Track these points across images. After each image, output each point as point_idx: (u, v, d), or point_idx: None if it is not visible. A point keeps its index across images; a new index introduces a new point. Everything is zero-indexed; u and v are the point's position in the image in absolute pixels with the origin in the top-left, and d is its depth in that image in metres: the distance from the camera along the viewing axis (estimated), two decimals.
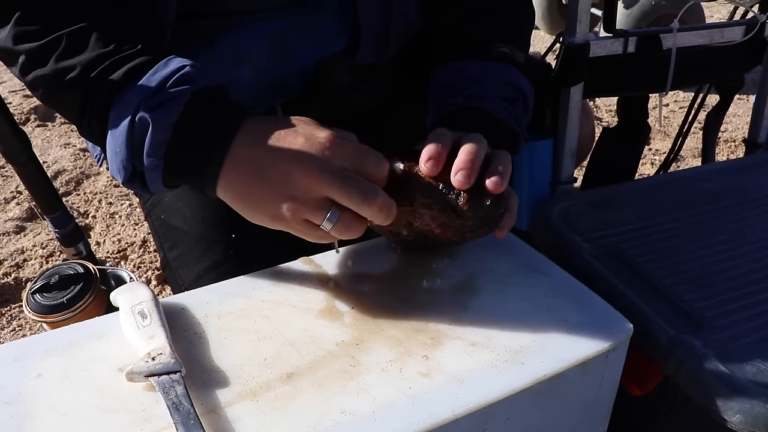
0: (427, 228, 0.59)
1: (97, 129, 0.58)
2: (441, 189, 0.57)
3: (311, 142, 0.53)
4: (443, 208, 0.57)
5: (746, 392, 0.58)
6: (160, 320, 0.55)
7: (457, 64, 0.76)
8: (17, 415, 0.48)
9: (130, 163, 0.57)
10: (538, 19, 3.64)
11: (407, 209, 0.58)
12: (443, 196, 0.57)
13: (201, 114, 0.56)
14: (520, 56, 0.76)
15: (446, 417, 0.48)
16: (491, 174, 0.56)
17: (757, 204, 0.89)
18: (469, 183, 0.55)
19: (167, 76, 0.56)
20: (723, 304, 0.69)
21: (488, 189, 0.56)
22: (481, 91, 0.71)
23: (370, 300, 0.61)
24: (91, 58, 0.57)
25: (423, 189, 0.57)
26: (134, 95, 0.55)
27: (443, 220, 0.58)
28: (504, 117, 0.71)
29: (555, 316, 0.59)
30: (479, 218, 0.58)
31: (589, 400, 0.59)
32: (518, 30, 0.80)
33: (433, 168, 0.56)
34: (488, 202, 0.57)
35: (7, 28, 0.58)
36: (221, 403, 0.49)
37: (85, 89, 0.57)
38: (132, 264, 1.79)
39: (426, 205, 0.57)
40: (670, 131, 2.49)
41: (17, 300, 1.67)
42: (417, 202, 0.57)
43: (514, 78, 0.74)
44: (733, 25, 1.01)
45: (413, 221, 0.59)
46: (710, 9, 3.83)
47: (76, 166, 2.28)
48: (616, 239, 0.81)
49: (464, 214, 0.57)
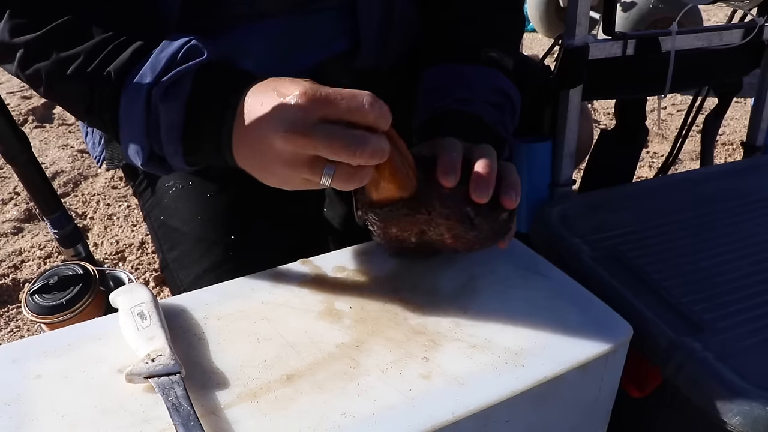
0: (440, 238, 0.59)
1: (108, 116, 0.57)
2: (459, 201, 0.57)
3: (283, 105, 0.50)
4: (460, 219, 0.57)
5: (746, 394, 0.58)
6: (159, 321, 0.55)
7: (446, 66, 0.76)
8: (16, 416, 0.48)
9: (148, 146, 0.57)
10: (535, 21, 3.65)
11: (424, 218, 0.57)
12: (461, 207, 0.57)
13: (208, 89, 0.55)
14: (509, 62, 0.76)
15: (446, 419, 0.48)
16: (507, 189, 0.57)
17: (756, 206, 0.89)
18: (488, 198, 0.56)
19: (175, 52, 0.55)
20: (722, 306, 0.70)
21: (504, 205, 0.57)
22: (470, 95, 0.71)
23: (370, 302, 0.61)
24: (95, 44, 0.56)
25: (442, 199, 0.57)
26: (145, 76, 0.55)
27: (458, 232, 0.58)
28: (492, 122, 0.71)
29: (555, 319, 0.59)
30: (493, 231, 0.59)
31: (588, 402, 0.59)
32: (507, 36, 0.80)
33: (452, 179, 0.56)
34: (504, 216, 0.58)
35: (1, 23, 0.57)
36: (221, 405, 0.49)
37: (91, 77, 0.56)
38: (130, 265, 1.79)
39: (444, 215, 0.57)
40: (669, 134, 2.50)
41: (15, 301, 1.66)
42: (435, 211, 0.57)
43: (503, 84, 0.74)
44: (731, 28, 1.01)
45: (427, 230, 0.59)
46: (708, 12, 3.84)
47: (74, 167, 2.28)
48: (615, 241, 0.81)
49: (480, 228, 0.58)
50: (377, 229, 0.60)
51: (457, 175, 0.56)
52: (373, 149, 0.49)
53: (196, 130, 0.56)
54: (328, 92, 0.49)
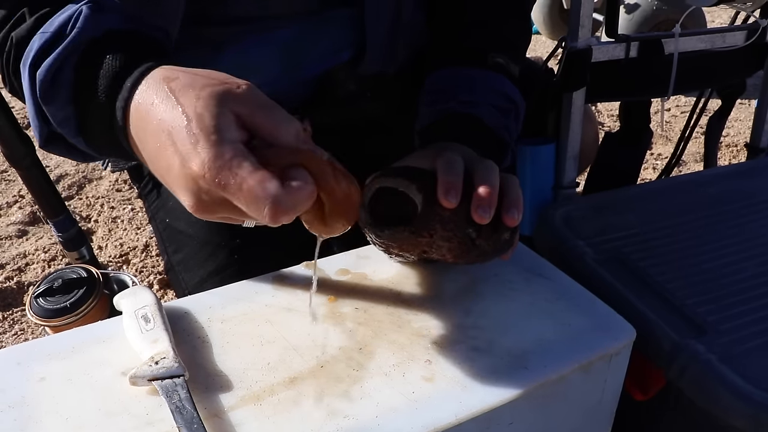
0: (442, 257, 0.59)
1: (18, 87, 0.54)
2: (460, 222, 0.56)
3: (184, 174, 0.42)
4: (462, 240, 0.56)
5: (750, 397, 0.58)
6: (163, 324, 0.55)
7: (451, 69, 0.76)
8: (20, 419, 0.48)
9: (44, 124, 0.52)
10: (538, 23, 3.64)
11: (426, 240, 0.56)
12: (463, 229, 0.56)
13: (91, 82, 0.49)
14: (515, 68, 0.76)
15: (449, 421, 0.48)
16: (509, 207, 0.56)
17: (760, 208, 0.89)
18: (490, 218, 0.55)
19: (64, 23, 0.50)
20: (726, 308, 0.69)
21: (506, 223, 0.56)
22: (474, 98, 0.71)
23: (373, 304, 0.61)
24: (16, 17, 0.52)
25: (443, 222, 0.56)
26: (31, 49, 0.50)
27: (459, 252, 0.57)
28: (495, 126, 0.71)
29: (558, 321, 0.59)
30: (495, 250, 0.58)
31: (591, 404, 0.59)
32: (514, 42, 0.80)
33: (453, 201, 0.55)
34: (506, 235, 0.57)
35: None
36: (224, 408, 0.49)
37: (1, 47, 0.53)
38: (134, 268, 1.79)
39: (446, 237, 0.56)
40: (672, 136, 2.49)
41: (20, 304, 1.67)
42: (437, 234, 0.56)
43: (508, 89, 0.74)
44: (734, 30, 1.01)
45: (429, 251, 0.58)
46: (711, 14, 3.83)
47: (79, 170, 2.28)
48: (618, 244, 0.81)
49: (482, 248, 0.57)
50: (378, 246, 0.60)
51: (458, 196, 0.55)
52: (286, 211, 0.42)
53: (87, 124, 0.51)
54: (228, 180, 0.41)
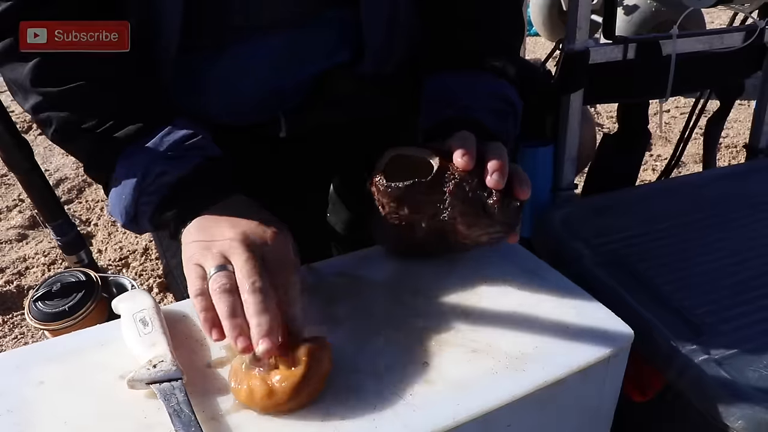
0: (452, 222, 0.60)
1: (104, 176, 0.63)
2: (474, 185, 0.59)
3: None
4: (474, 202, 0.59)
5: (748, 398, 0.58)
6: (161, 328, 0.55)
7: (449, 74, 0.76)
8: (19, 423, 0.48)
9: (133, 208, 0.61)
10: (538, 25, 3.65)
11: (439, 197, 0.59)
12: (475, 191, 0.59)
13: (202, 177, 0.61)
14: (512, 70, 0.76)
15: (447, 424, 0.48)
16: (519, 181, 0.60)
17: (759, 210, 0.89)
18: (503, 184, 0.59)
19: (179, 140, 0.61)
20: (724, 309, 0.69)
21: (517, 195, 0.60)
22: (473, 103, 0.72)
23: (372, 307, 0.61)
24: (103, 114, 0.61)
25: (458, 182, 0.59)
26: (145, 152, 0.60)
27: (470, 216, 0.60)
28: (495, 129, 0.71)
29: (556, 323, 0.59)
30: (504, 219, 0.60)
31: (590, 406, 0.59)
32: (509, 42, 0.80)
33: (468, 162, 0.59)
34: (516, 204, 0.60)
35: (28, 67, 0.60)
36: (222, 411, 0.49)
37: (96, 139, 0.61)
38: (133, 272, 1.80)
39: (459, 197, 0.59)
40: (671, 137, 2.50)
41: (19, 308, 1.67)
42: (451, 192, 0.59)
43: (506, 92, 0.74)
44: (732, 31, 1.01)
45: (441, 211, 0.60)
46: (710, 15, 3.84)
47: (78, 174, 2.28)
48: (617, 245, 0.81)
49: (493, 213, 0.59)
50: (389, 209, 0.61)
51: (473, 159, 0.59)
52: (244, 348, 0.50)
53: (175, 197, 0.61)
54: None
